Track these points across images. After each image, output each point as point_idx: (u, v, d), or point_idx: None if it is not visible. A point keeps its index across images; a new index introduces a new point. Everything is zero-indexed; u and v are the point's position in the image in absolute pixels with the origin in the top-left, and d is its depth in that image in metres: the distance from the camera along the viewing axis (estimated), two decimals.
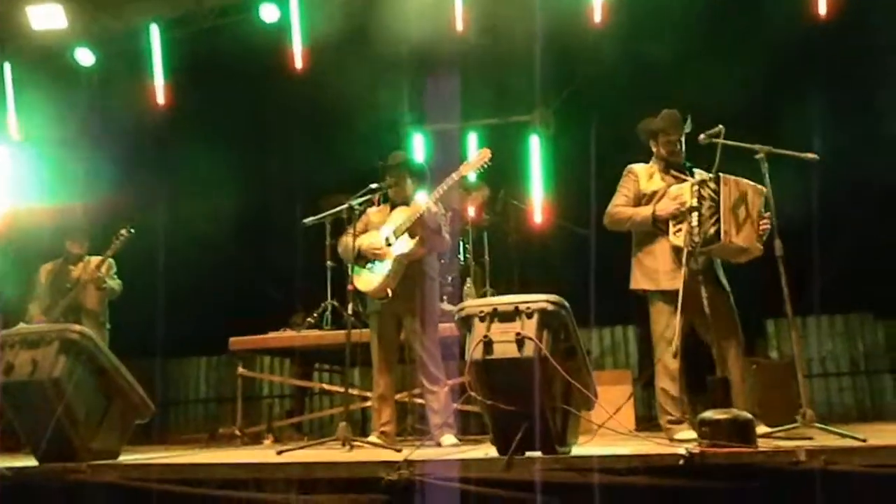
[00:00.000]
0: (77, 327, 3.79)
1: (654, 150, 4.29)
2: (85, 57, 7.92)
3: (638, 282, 4.21)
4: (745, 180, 3.93)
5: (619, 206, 4.25)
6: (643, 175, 4.25)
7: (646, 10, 6.48)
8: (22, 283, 6.15)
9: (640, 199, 4.21)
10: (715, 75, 6.26)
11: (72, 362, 3.59)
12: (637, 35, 6.51)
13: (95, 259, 5.72)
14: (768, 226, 3.91)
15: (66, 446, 3.55)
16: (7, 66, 8.04)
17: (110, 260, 5.73)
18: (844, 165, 5.34)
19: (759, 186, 3.94)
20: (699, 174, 4.06)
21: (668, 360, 3.96)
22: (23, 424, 3.69)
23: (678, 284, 3.87)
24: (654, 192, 4.16)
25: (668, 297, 3.98)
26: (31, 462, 3.62)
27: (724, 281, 4.13)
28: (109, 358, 3.80)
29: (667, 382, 4.00)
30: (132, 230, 5.65)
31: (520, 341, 3.00)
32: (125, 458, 3.81)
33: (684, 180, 4.08)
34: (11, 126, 8.00)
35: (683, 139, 4.19)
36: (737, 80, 5.99)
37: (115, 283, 5.78)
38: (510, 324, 3.06)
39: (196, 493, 3.23)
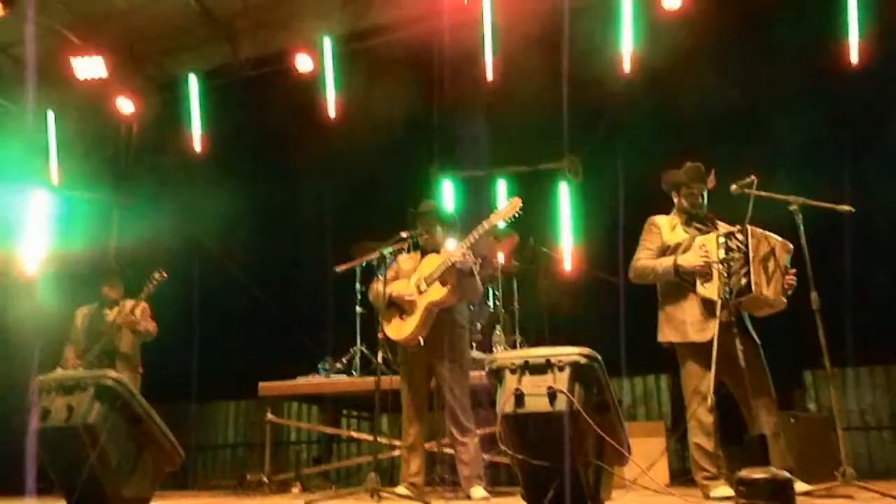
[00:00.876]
0: (112, 374, 3.81)
1: (675, 201, 4.29)
2: (125, 105, 8.16)
3: (665, 334, 4.15)
4: (773, 235, 3.91)
5: (643, 258, 4.22)
6: (666, 226, 4.24)
7: (676, 59, 6.51)
8: (59, 326, 6.25)
9: (664, 251, 4.18)
10: (746, 124, 6.28)
11: (107, 409, 3.61)
12: (667, 84, 6.54)
13: (130, 302, 5.81)
14: (793, 281, 3.89)
15: (99, 493, 3.55)
16: (50, 114, 8.30)
17: (144, 303, 5.81)
18: (880, 214, 5.27)
19: (786, 242, 3.94)
20: (722, 226, 4.05)
21: (702, 415, 3.88)
22: (56, 470, 3.71)
23: (707, 336, 3.84)
24: (678, 244, 4.14)
25: (699, 350, 3.92)
26: None
27: (754, 334, 4.07)
28: (143, 405, 3.82)
29: (701, 438, 3.91)
30: (165, 274, 5.74)
31: (551, 395, 2.97)
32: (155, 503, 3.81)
33: (707, 232, 4.07)
34: (52, 171, 8.22)
35: (705, 192, 4.18)
36: (769, 130, 5.99)
37: (150, 325, 5.85)
38: (542, 377, 3.04)
39: None
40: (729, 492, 3.57)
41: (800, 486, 3.33)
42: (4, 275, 7.52)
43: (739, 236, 3.86)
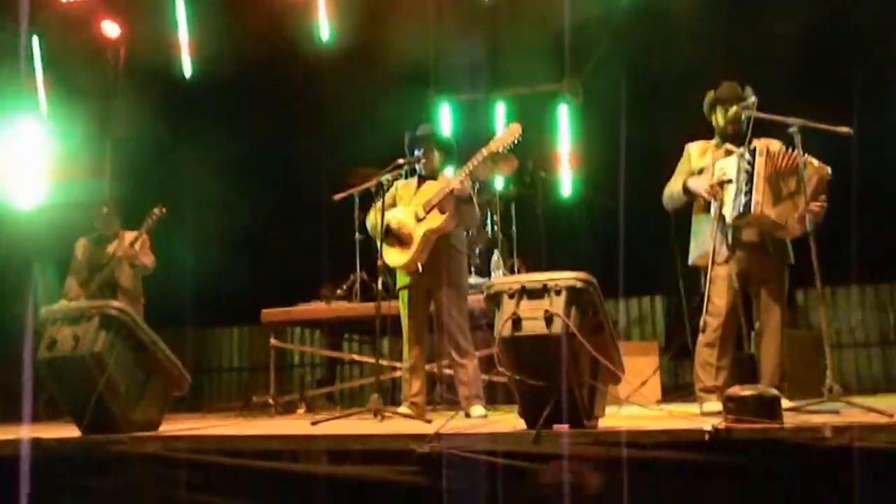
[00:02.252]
0: (116, 303, 3.89)
1: (713, 123, 4.25)
2: (111, 29, 7.96)
3: (695, 258, 4.23)
4: (810, 157, 3.83)
5: (669, 184, 4.28)
6: (696, 152, 4.25)
7: None
8: (60, 258, 6.30)
9: (692, 176, 4.19)
10: (749, 44, 6.17)
11: (112, 337, 3.69)
12: (670, 4, 6.39)
13: (130, 235, 5.85)
14: (818, 209, 3.83)
15: (108, 419, 3.66)
16: (35, 39, 8.10)
17: (145, 236, 5.85)
18: (877, 139, 5.25)
19: (822, 166, 3.87)
20: (762, 143, 3.95)
21: (709, 329, 3.96)
22: (65, 398, 3.82)
23: (723, 257, 3.90)
24: (702, 169, 4.14)
25: (719, 269, 3.96)
26: (74, 432, 3.75)
27: (782, 253, 4.07)
28: (147, 333, 3.90)
29: (703, 350, 4.01)
30: (164, 210, 5.77)
31: (548, 318, 3.03)
32: (164, 428, 3.93)
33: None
34: (40, 100, 8.09)
35: (743, 114, 4.04)
36: (772, 51, 5.89)
37: (147, 260, 5.90)
38: (539, 301, 3.09)
39: (233, 463, 3.34)
40: (719, 407, 3.68)
41: (785, 403, 3.43)
42: None
43: (748, 156, 3.85)
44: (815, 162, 3.87)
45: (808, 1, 6.05)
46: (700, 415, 3.79)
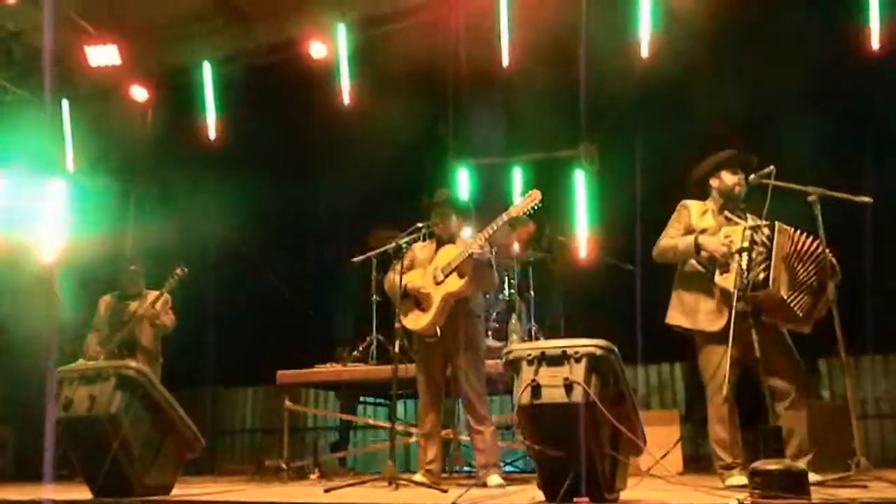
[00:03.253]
0: (133, 364, 3.89)
1: (713, 186, 4.19)
2: (139, 93, 8.19)
3: (675, 317, 4.12)
4: (828, 254, 3.77)
5: (667, 238, 4.18)
6: (696, 210, 4.18)
7: (693, 46, 6.45)
8: (75, 316, 6.32)
9: (690, 234, 4.15)
10: (763, 110, 6.22)
11: (128, 398, 3.69)
12: (685, 71, 6.48)
13: (153, 294, 5.87)
14: (823, 312, 3.78)
15: (122, 481, 3.63)
16: (65, 103, 8.33)
17: (167, 295, 5.88)
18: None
19: (836, 272, 3.83)
20: (752, 219, 3.95)
21: (718, 404, 3.89)
22: (80, 458, 3.79)
23: (718, 326, 3.84)
24: (704, 230, 4.08)
25: (714, 338, 3.91)
26: (86, 495, 3.71)
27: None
28: (163, 394, 3.89)
29: (717, 427, 3.92)
30: (185, 270, 5.82)
31: (568, 386, 2.99)
32: (176, 492, 3.88)
33: (737, 224, 3.97)
34: (68, 160, 8.27)
35: (744, 182, 4.06)
36: (786, 118, 5.94)
37: (168, 320, 5.90)
38: (558, 368, 3.06)
39: None
40: (744, 481, 3.58)
41: (813, 477, 3.34)
42: (21, 264, 7.59)
43: (766, 230, 3.82)
44: (831, 259, 3.81)
45: (824, 71, 6.10)
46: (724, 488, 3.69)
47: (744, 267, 3.75)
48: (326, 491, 3.87)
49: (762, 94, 6.26)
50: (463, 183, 7.39)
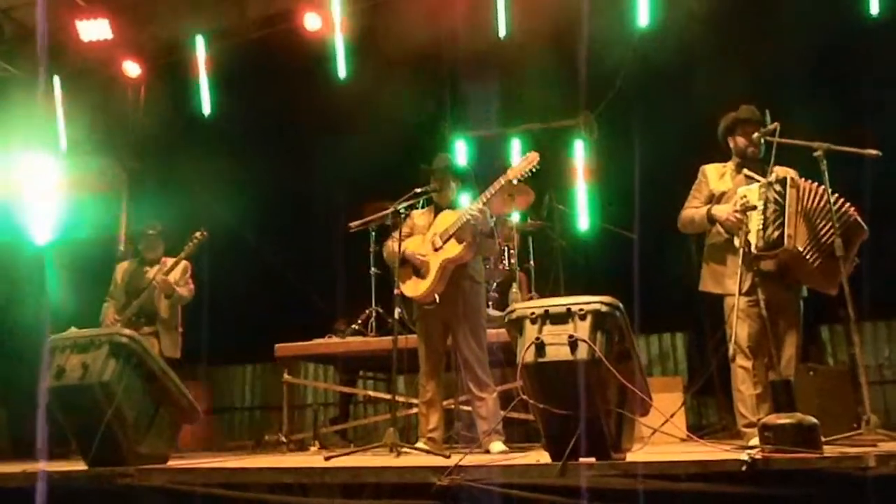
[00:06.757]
0: (126, 331, 3.80)
1: (731, 146, 4.16)
2: (132, 69, 8.06)
3: (706, 283, 4.13)
4: (851, 210, 3.71)
5: (687, 208, 4.18)
6: (714, 175, 4.16)
7: (691, 12, 6.36)
8: (73, 294, 6.23)
9: (711, 200, 4.12)
10: (763, 74, 6.12)
11: (121, 366, 3.60)
12: (683, 37, 6.39)
13: (171, 260, 5.71)
14: (850, 268, 3.69)
15: (116, 450, 3.56)
16: (56, 80, 8.20)
17: (185, 262, 5.72)
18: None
19: (864, 229, 3.76)
20: (776, 174, 3.82)
21: (741, 363, 3.85)
22: (73, 428, 3.71)
23: (743, 287, 3.78)
24: (724, 193, 4.06)
25: (743, 298, 3.82)
26: (81, 466, 3.64)
27: (798, 285, 3.96)
28: (158, 362, 3.82)
29: (740, 385, 3.88)
30: (206, 233, 5.63)
31: (573, 344, 2.91)
32: (173, 463, 3.81)
33: (756, 181, 3.89)
34: (60, 138, 8.15)
35: (762, 139, 4.00)
36: (786, 80, 5.84)
37: (185, 291, 5.74)
38: (563, 326, 2.98)
39: (243, 497, 3.21)
40: None
41: None
42: (13, 244, 7.50)
43: (778, 186, 3.74)
44: (855, 217, 3.73)
45: (822, 28, 6.01)
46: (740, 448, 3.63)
47: (759, 227, 3.69)
48: (327, 458, 3.80)
49: (762, 62, 6.16)
50: (461, 155, 7.29)
